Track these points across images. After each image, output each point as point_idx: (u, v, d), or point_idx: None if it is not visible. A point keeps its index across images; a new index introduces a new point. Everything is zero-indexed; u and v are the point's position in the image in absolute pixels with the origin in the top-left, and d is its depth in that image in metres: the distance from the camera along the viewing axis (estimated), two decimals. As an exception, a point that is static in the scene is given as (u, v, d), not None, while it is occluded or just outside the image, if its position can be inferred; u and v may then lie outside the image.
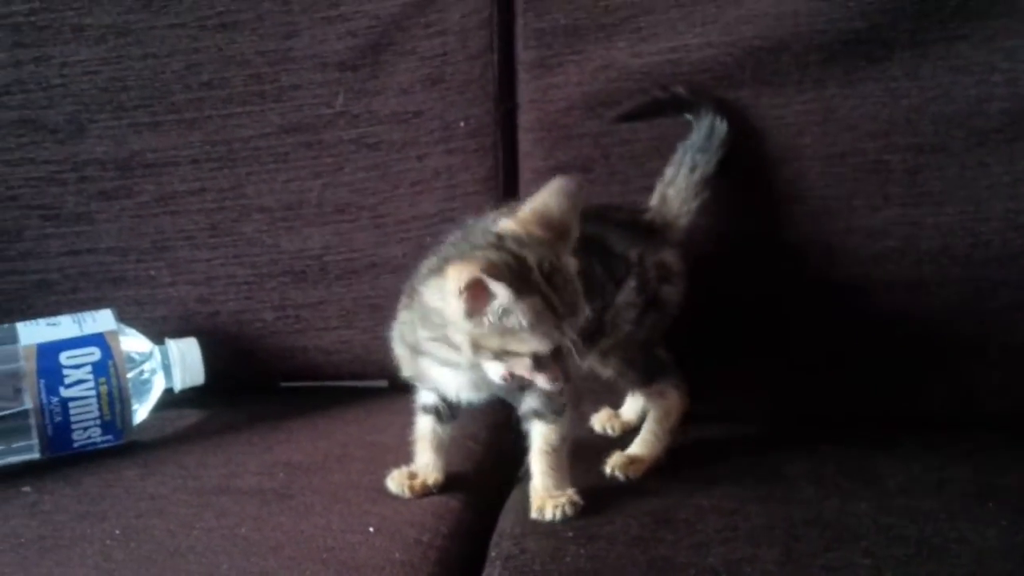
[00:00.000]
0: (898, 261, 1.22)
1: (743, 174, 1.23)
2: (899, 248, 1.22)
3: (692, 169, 1.19)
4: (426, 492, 1.07)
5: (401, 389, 1.10)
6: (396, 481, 1.07)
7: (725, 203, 1.24)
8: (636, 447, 1.12)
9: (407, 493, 1.06)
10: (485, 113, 1.30)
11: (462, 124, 1.30)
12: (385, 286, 1.33)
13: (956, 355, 1.22)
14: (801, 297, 1.24)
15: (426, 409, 1.08)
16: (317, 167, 1.32)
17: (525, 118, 1.30)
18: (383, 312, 1.30)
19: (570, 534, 0.97)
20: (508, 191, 1.31)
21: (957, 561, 0.90)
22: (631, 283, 1.10)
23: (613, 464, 1.10)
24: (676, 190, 1.19)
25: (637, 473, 1.10)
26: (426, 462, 1.08)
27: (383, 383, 1.40)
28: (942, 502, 1.02)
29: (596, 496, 1.04)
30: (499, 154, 1.31)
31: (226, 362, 1.34)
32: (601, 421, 1.23)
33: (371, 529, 1.00)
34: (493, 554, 0.98)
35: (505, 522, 1.03)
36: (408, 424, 1.09)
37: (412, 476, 1.07)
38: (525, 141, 1.30)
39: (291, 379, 1.44)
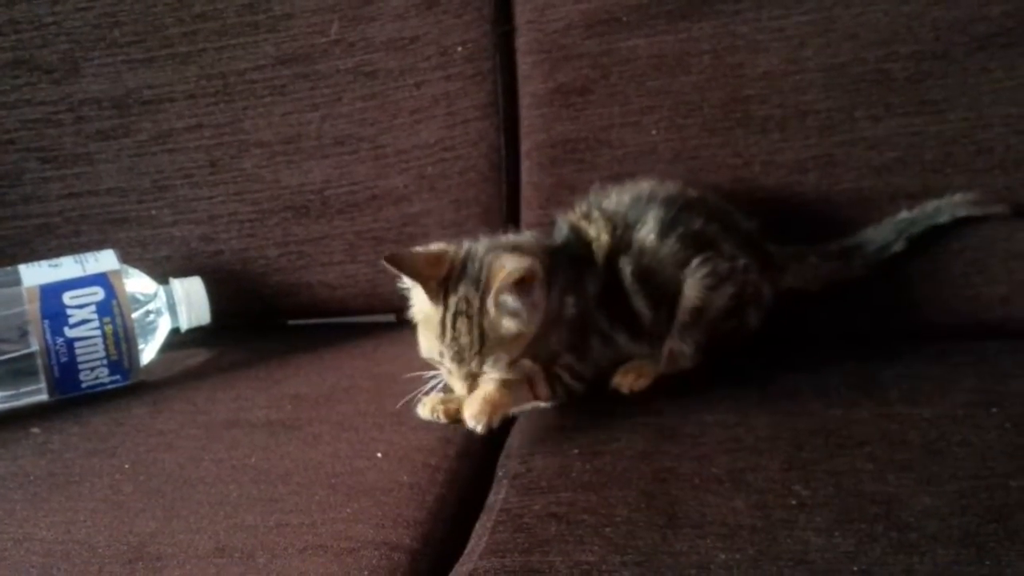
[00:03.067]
0: (901, 172, 1.21)
1: (744, 89, 1.22)
2: (901, 159, 1.20)
3: None
4: (458, 419, 1.06)
5: (409, 323, 1.10)
6: (429, 407, 1.07)
7: (724, 121, 1.23)
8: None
9: (442, 418, 1.06)
10: (482, 36, 1.28)
11: (459, 49, 1.28)
12: (388, 217, 1.33)
13: (959, 266, 1.21)
14: (803, 213, 1.23)
15: None
16: (314, 99, 1.31)
17: (523, 40, 1.28)
18: (387, 245, 1.32)
19: (576, 451, 0.98)
20: (508, 117, 1.30)
21: (960, 463, 0.91)
22: None
23: (619, 381, 1.11)
24: None
25: (641, 388, 1.11)
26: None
27: (390, 317, 1.40)
28: (944, 409, 1.01)
29: (601, 415, 1.04)
30: (498, 78, 1.29)
31: (231, 300, 1.34)
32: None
33: (379, 455, 1.01)
34: (500, 473, 0.99)
35: (513, 442, 1.04)
36: (415, 357, 1.09)
37: (447, 401, 1.07)
38: (524, 64, 1.28)
39: (297, 316, 1.44)
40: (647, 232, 1.11)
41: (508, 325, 1.01)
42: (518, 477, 0.95)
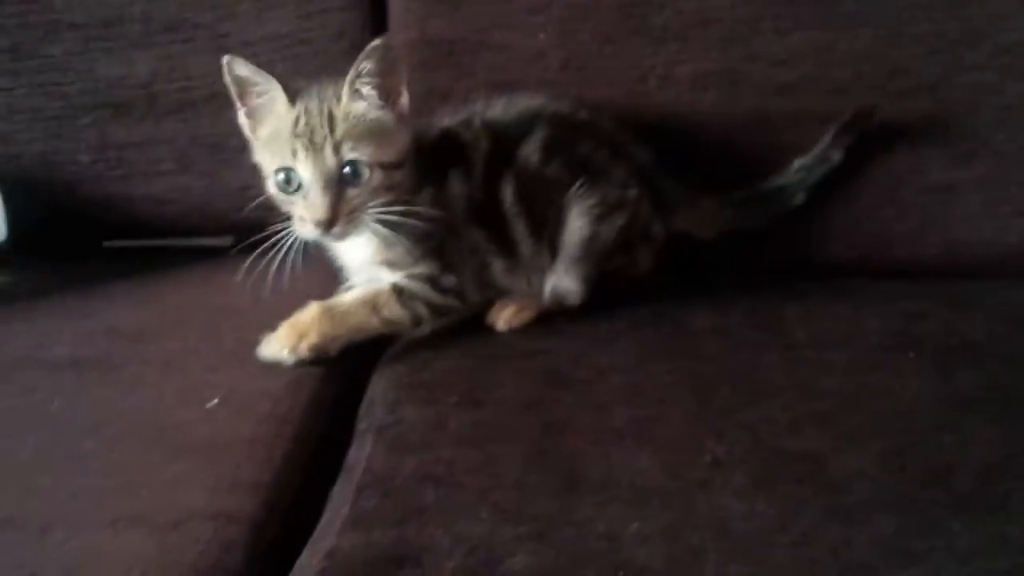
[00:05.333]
0: (807, 92, 1.09)
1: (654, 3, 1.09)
2: (808, 77, 1.09)
3: None
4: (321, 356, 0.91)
5: (250, 248, 0.92)
6: (279, 341, 0.90)
7: (619, 27, 1.09)
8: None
9: (301, 355, 0.90)
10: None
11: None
12: (230, 121, 1.12)
13: (867, 200, 1.11)
14: (701, 135, 1.11)
15: None
16: (139, -27, 1.11)
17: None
18: (227, 153, 1.13)
19: (454, 399, 0.83)
20: (376, 8, 1.13)
21: (883, 416, 0.81)
22: None
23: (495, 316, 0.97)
24: None
25: (522, 323, 0.98)
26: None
27: (226, 240, 1.21)
28: (857, 353, 0.92)
29: (482, 359, 0.91)
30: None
31: (34, 215, 1.14)
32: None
33: (213, 402, 0.84)
34: (363, 426, 0.84)
35: (376, 389, 0.89)
36: (258, 287, 0.91)
37: (303, 335, 0.91)
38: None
39: (116, 237, 1.26)
40: (532, 150, 0.97)
41: (362, 108, 0.89)
42: (384, 430, 0.80)
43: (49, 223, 1.17)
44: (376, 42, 0.87)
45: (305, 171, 0.88)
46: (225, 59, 0.88)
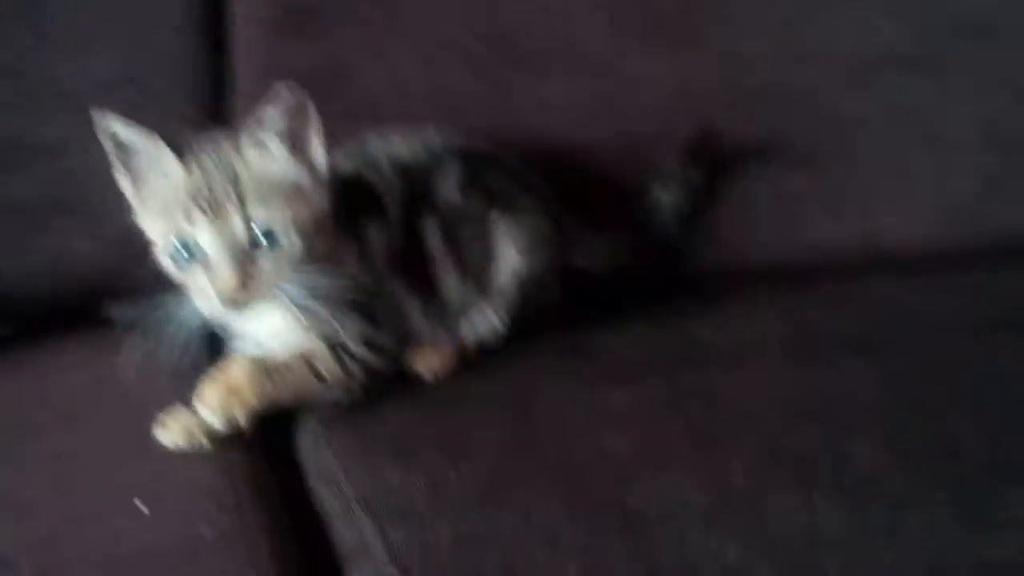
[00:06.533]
0: (668, 113, 1.10)
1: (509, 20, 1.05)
2: (668, 98, 1.10)
3: None
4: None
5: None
6: (177, 428, 0.76)
7: (487, 56, 1.05)
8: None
9: (205, 442, 0.75)
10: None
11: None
12: (40, 178, 0.95)
13: (728, 211, 1.13)
14: (578, 163, 1.08)
15: None
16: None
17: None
18: (38, 216, 0.95)
19: (430, 453, 0.73)
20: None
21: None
22: None
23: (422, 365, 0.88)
24: None
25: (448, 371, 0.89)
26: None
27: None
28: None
29: (432, 408, 0.82)
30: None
31: None
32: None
33: (140, 506, 0.67)
34: (336, 503, 0.71)
35: (328, 457, 0.76)
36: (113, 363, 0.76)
37: (237, 395, 0.76)
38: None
39: None
40: (450, 187, 0.90)
41: (269, 166, 0.76)
42: (371, 501, 0.68)
43: None
44: (279, 87, 0.75)
45: (206, 239, 0.74)
46: (95, 115, 0.73)
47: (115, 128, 0.74)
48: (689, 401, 0.82)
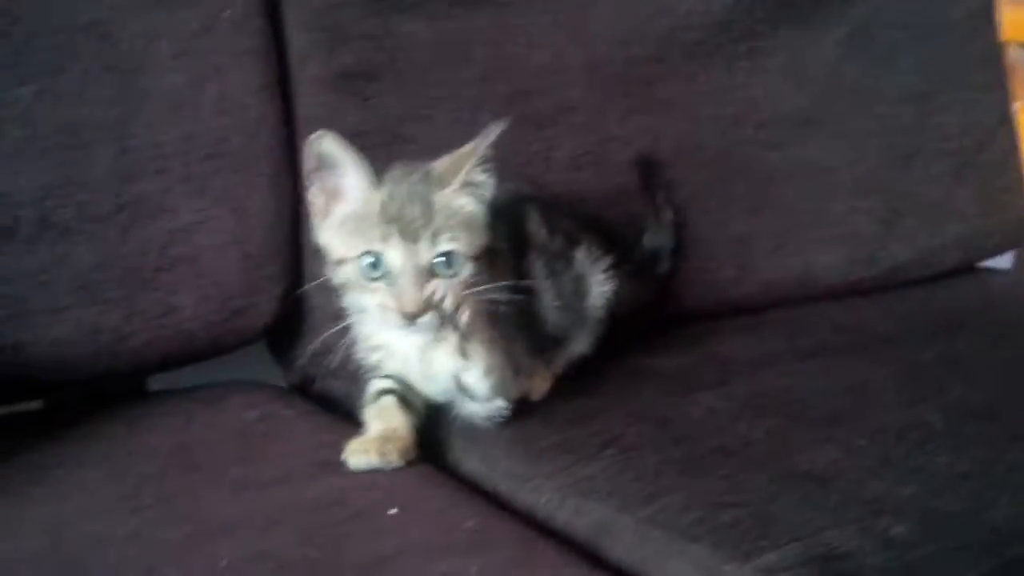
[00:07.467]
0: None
1: (523, 84, 1.18)
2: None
3: None
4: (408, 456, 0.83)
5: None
6: (364, 447, 0.83)
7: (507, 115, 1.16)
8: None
9: (395, 459, 0.81)
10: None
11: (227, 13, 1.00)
12: (143, 237, 0.96)
13: (693, 254, 1.30)
14: (579, 208, 1.21)
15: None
16: (23, 67, 0.91)
17: (292, 13, 1.06)
18: (144, 275, 0.98)
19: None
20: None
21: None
22: None
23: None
24: None
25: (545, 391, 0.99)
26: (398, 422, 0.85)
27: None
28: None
29: (568, 416, 0.93)
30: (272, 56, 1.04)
31: None
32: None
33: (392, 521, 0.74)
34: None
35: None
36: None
37: (386, 439, 0.82)
38: (298, 41, 1.06)
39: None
40: (536, 227, 1.02)
41: (455, 198, 0.87)
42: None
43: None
44: (498, 125, 0.86)
45: (396, 258, 0.83)
46: (315, 135, 0.81)
47: (329, 147, 0.82)
48: (775, 395, 0.97)
